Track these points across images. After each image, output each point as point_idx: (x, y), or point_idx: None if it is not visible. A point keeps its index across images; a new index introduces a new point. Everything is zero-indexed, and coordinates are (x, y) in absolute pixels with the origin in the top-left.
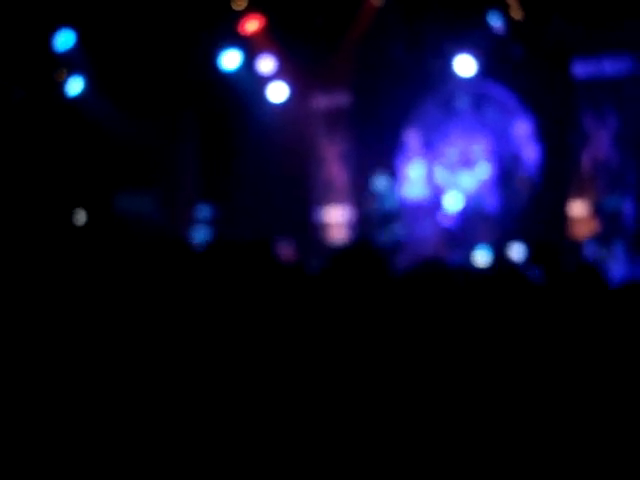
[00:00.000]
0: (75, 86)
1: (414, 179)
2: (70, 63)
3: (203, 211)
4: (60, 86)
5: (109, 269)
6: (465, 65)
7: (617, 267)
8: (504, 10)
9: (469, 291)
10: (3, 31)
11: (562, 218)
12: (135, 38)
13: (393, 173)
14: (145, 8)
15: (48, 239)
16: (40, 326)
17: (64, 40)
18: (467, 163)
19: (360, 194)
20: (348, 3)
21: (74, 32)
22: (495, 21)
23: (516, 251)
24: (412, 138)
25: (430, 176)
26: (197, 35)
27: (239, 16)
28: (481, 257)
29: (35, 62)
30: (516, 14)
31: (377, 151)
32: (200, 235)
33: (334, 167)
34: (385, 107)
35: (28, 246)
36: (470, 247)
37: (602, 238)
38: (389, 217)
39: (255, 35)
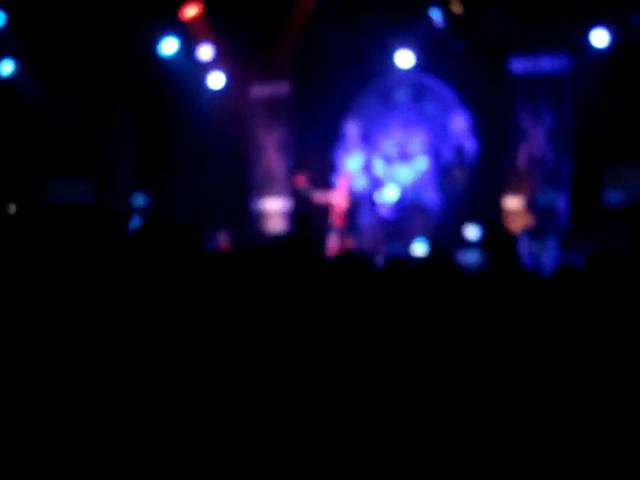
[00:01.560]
0: (6, 68)
1: (353, 170)
2: (1, 44)
3: (139, 199)
4: None
5: (41, 258)
6: (405, 58)
7: (549, 261)
8: (445, 4)
9: (394, 281)
10: None
11: (497, 211)
12: (70, 21)
13: (331, 164)
14: None
15: None
16: None
17: None
18: (405, 155)
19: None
20: None
21: (5, 13)
22: (436, 15)
23: (471, 232)
24: (351, 129)
25: (368, 168)
26: (135, 19)
27: (179, 1)
28: (419, 248)
29: None
30: (456, 9)
31: (316, 142)
32: (135, 223)
33: (273, 157)
34: (325, 98)
35: None
36: (408, 238)
37: (536, 232)
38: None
39: (194, 21)
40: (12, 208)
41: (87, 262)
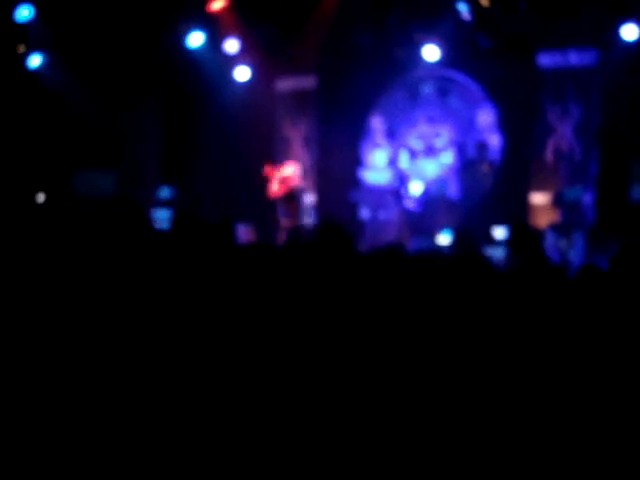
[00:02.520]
0: (35, 60)
1: (379, 165)
2: (31, 37)
3: (164, 192)
4: (20, 59)
5: (67, 250)
6: (431, 52)
7: (576, 257)
8: None
9: (428, 275)
10: None
11: (523, 206)
12: (98, 14)
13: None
14: None
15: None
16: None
17: (24, 13)
18: (431, 150)
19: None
20: None
21: (34, 6)
22: (463, 9)
23: (499, 232)
24: (377, 124)
25: (394, 162)
26: (162, 13)
27: None
28: (444, 239)
29: None
30: (484, 2)
31: (341, 136)
32: (161, 216)
33: (298, 151)
34: (350, 92)
35: None
36: (433, 232)
37: (562, 228)
38: None
39: (221, 15)
40: (41, 197)
41: (114, 252)
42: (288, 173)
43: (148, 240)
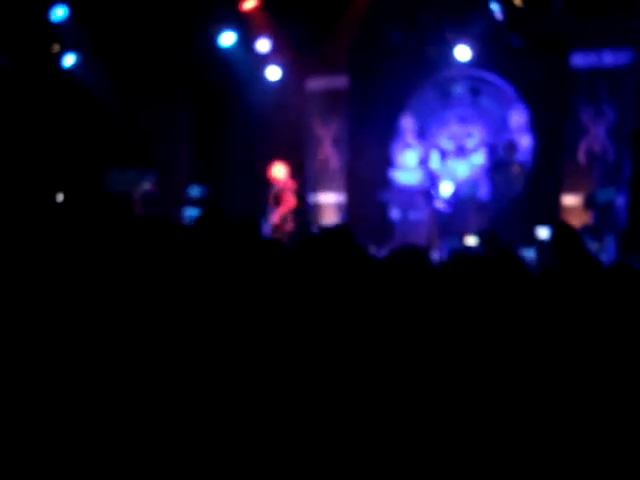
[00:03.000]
0: (69, 59)
1: (409, 165)
2: (65, 37)
3: (195, 191)
4: (55, 58)
5: (97, 248)
6: (463, 52)
7: (607, 260)
8: None
9: (447, 278)
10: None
11: (555, 208)
12: (131, 13)
13: (387, 158)
14: None
15: (35, 215)
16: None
17: (59, 13)
18: (462, 150)
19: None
20: None
21: (68, 6)
22: (495, 8)
23: (542, 233)
24: (408, 124)
25: (425, 162)
26: (194, 12)
27: None
28: (472, 240)
29: (30, 34)
30: (516, 2)
31: (372, 136)
32: (191, 215)
33: (329, 150)
34: (382, 92)
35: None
36: (462, 233)
37: (594, 230)
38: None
39: (252, 14)
40: (60, 196)
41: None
42: (276, 174)
43: (175, 236)
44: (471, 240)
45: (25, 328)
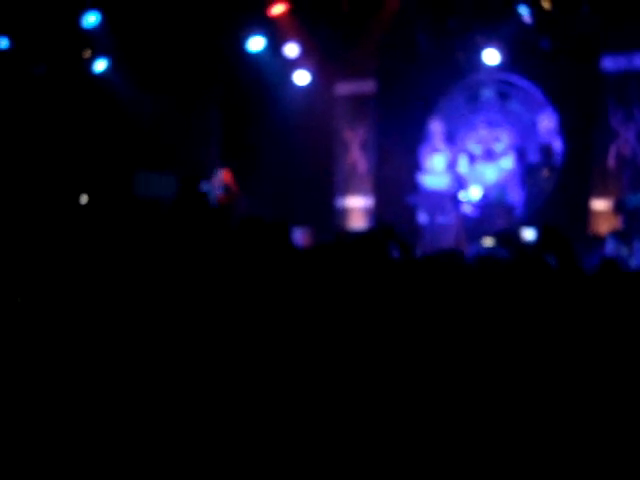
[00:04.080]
0: (100, 65)
1: (437, 169)
2: (96, 42)
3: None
4: (86, 64)
5: (126, 250)
6: (492, 56)
7: (637, 264)
8: (534, 0)
9: (482, 281)
10: (34, 11)
11: (584, 212)
12: (161, 19)
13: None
14: None
15: (61, 217)
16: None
17: (91, 20)
18: (490, 155)
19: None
20: None
21: (100, 12)
22: (524, 12)
23: (528, 234)
24: (436, 128)
25: (453, 166)
26: (223, 17)
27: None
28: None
29: (62, 40)
30: (546, 5)
31: (400, 140)
32: None
33: (357, 155)
34: (410, 96)
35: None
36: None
37: (623, 235)
38: None
39: (281, 19)
40: (84, 198)
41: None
42: (226, 180)
43: (218, 240)
44: (488, 241)
45: (54, 325)
